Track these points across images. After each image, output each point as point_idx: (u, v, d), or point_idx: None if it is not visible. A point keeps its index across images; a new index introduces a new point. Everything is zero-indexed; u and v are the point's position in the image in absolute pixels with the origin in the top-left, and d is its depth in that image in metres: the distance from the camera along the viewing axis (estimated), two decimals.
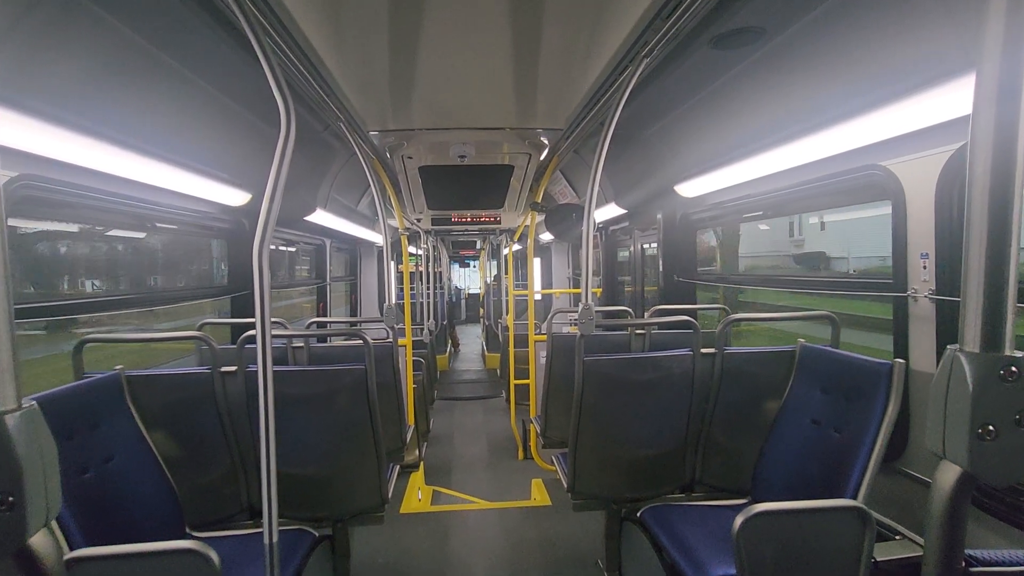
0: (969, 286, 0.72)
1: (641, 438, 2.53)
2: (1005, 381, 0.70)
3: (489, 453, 5.35)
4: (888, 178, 2.16)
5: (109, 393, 2.10)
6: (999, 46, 0.69)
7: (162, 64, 2.08)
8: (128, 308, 2.88)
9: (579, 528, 3.59)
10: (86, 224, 3.18)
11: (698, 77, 2.52)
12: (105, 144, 2.08)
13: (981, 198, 0.71)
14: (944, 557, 0.75)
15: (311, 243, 5.91)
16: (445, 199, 5.13)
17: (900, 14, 1.68)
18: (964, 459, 0.71)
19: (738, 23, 1.94)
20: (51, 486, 0.70)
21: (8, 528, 0.65)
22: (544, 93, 2.49)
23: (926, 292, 2.04)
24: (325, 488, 2.40)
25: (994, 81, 0.70)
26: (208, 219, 3.46)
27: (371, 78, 2.28)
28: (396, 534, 3.58)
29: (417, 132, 3.03)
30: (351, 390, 2.32)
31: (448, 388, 8.13)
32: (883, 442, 1.83)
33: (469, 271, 18.78)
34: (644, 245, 5.43)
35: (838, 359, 2.17)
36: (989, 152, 0.70)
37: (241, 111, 2.74)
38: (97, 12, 1.67)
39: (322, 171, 4.22)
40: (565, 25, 1.85)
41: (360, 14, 1.75)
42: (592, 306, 2.29)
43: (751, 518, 1.55)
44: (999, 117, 0.70)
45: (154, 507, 2.12)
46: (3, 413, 0.65)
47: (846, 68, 2.00)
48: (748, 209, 3.45)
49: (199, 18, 1.75)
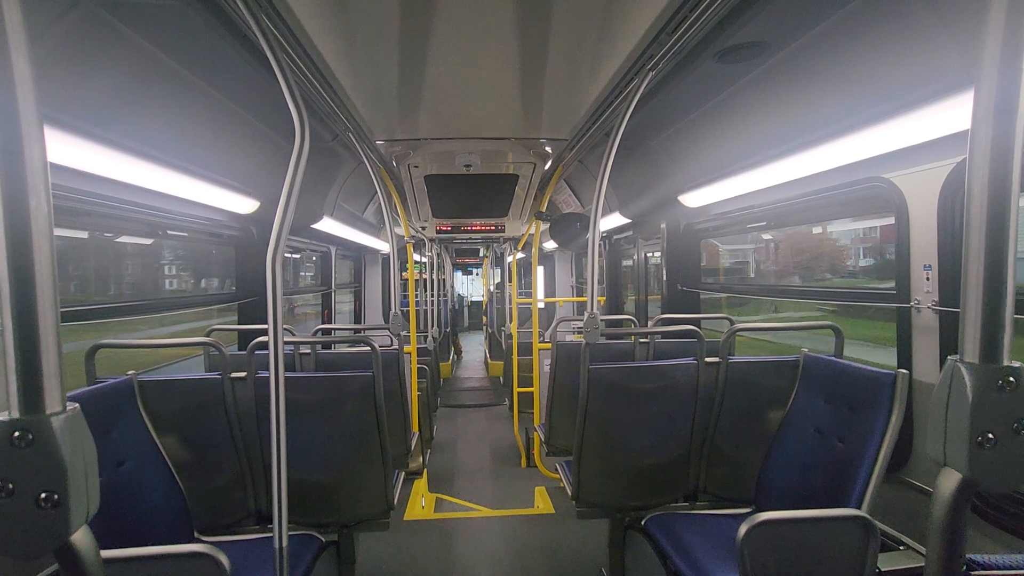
0: (968, 298, 0.74)
1: (645, 446, 2.54)
2: (1003, 391, 0.72)
3: (492, 461, 5.35)
4: (891, 190, 2.18)
5: (121, 398, 2.13)
6: (996, 63, 0.72)
7: (177, 75, 2.12)
8: (152, 313, 2.93)
9: (583, 536, 3.58)
10: (99, 231, 3.23)
11: (702, 89, 2.55)
12: (124, 154, 2.12)
13: (979, 211, 0.73)
14: (945, 561, 0.77)
15: (317, 250, 5.95)
16: (450, 208, 5.17)
17: (901, 31, 1.71)
18: (964, 466, 0.73)
19: (742, 38, 1.97)
20: (91, 485, 0.72)
21: (53, 525, 0.68)
22: (550, 104, 2.52)
23: (929, 303, 2.06)
24: (332, 494, 2.42)
25: (991, 97, 0.72)
26: (217, 226, 3.50)
27: (380, 89, 2.32)
28: (400, 541, 3.59)
29: (424, 142, 3.08)
30: (359, 397, 2.34)
31: (451, 396, 8.13)
32: (887, 452, 1.84)
33: (472, 279, 18.80)
34: (648, 254, 5.46)
35: (842, 369, 2.18)
36: (987, 166, 0.73)
37: (251, 120, 2.79)
38: (117, 26, 1.72)
39: (329, 179, 4.27)
40: (571, 37, 1.88)
41: (371, 28, 1.80)
42: (597, 315, 2.31)
43: (755, 527, 1.56)
44: (996, 132, 0.72)
45: (163, 511, 2.14)
46: (50, 415, 0.68)
47: (849, 82, 2.03)
48: (752, 220, 3.48)
49: (216, 32, 1.79)
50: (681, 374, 2.49)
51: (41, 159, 0.68)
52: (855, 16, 1.75)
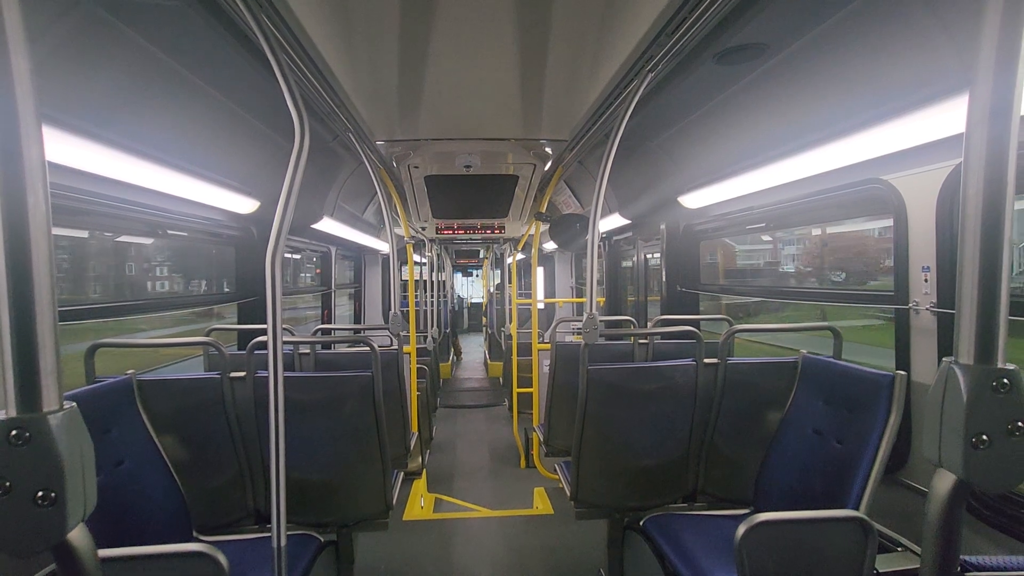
0: (963, 301, 0.75)
1: (644, 447, 2.55)
2: (997, 392, 0.72)
3: (491, 461, 5.35)
4: (890, 192, 2.18)
5: (121, 397, 2.13)
6: (992, 66, 0.72)
7: (177, 75, 2.13)
8: (151, 312, 2.93)
9: (581, 537, 3.59)
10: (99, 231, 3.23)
11: (702, 91, 2.55)
12: (124, 154, 2.12)
13: (975, 214, 0.74)
14: (940, 561, 0.78)
15: (317, 250, 5.96)
16: (450, 208, 5.18)
17: (900, 32, 1.71)
18: (959, 467, 0.74)
19: (741, 40, 1.97)
20: (88, 483, 0.73)
21: (50, 523, 0.68)
22: (550, 105, 2.53)
23: (927, 305, 2.06)
24: (331, 494, 2.42)
25: (987, 100, 0.73)
26: (217, 226, 3.50)
27: (380, 90, 2.33)
28: (399, 541, 3.59)
29: (424, 142, 3.08)
30: (358, 397, 2.35)
31: (451, 396, 8.14)
32: (885, 453, 1.84)
33: (472, 280, 18.81)
34: (647, 255, 5.46)
35: (840, 370, 2.18)
36: (982, 169, 0.73)
37: (251, 120, 2.79)
38: (118, 26, 1.72)
39: (329, 180, 4.27)
40: (571, 39, 1.89)
41: (371, 28, 1.80)
42: (596, 316, 2.31)
43: (753, 527, 1.56)
44: (992, 135, 0.72)
45: (162, 511, 2.14)
46: (47, 414, 0.69)
47: (848, 84, 2.03)
48: (751, 221, 3.48)
49: (216, 32, 1.79)
50: (680, 375, 2.49)
51: (39, 158, 0.69)
52: (854, 18, 1.76)
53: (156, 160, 2.34)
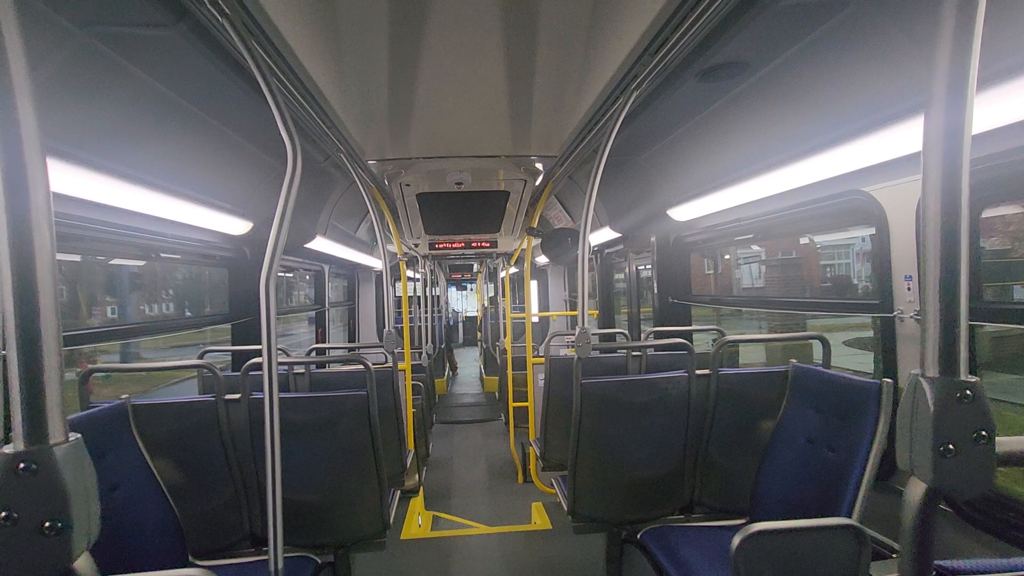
0: (927, 314, 0.78)
1: (640, 459, 2.56)
2: (961, 403, 0.76)
3: (489, 477, 5.33)
4: (870, 203, 2.24)
5: (116, 422, 2.12)
6: (944, 89, 0.77)
7: (170, 102, 2.15)
8: (145, 336, 2.92)
9: (580, 551, 3.57)
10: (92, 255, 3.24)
11: (687, 107, 2.61)
12: (119, 180, 2.14)
13: (934, 232, 0.77)
14: (916, 567, 0.80)
15: (310, 269, 5.96)
16: (442, 225, 5.21)
17: (878, 49, 1.77)
18: (929, 475, 0.76)
19: (723, 58, 2.02)
20: (93, 512, 0.74)
21: (56, 551, 0.70)
22: (539, 122, 2.57)
23: (911, 313, 2.10)
24: (327, 514, 2.41)
25: (941, 122, 0.77)
26: (210, 248, 3.52)
27: (370, 110, 2.36)
28: (397, 560, 3.56)
29: (415, 160, 3.11)
30: (353, 416, 2.35)
31: (447, 412, 8.09)
32: (875, 460, 1.86)
33: (466, 294, 18.80)
34: (639, 268, 5.51)
35: (829, 379, 2.21)
36: (939, 189, 0.77)
37: (243, 143, 2.82)
38: (111, 56, 1.75)
39: (322, 199, 4.30)
40: (558, 58, 1.93)
41: (360, 50, 1.84)
42: (589, 330, 2.33)
43: (748, 537, 1.57)
44: (946, 155, 0.76)
45: (157, 535, 2.12)
46: (53, 446, 0.71)
47: (828, 99, 2.09)
48: (738, 232, 3.54)
49: (207, 59, 1.82)
50: (673, 387, 2.51)
51: (44, 194, 0.71)
52: (832, 35, 1.81)
53: (150, 185, 2.36)
